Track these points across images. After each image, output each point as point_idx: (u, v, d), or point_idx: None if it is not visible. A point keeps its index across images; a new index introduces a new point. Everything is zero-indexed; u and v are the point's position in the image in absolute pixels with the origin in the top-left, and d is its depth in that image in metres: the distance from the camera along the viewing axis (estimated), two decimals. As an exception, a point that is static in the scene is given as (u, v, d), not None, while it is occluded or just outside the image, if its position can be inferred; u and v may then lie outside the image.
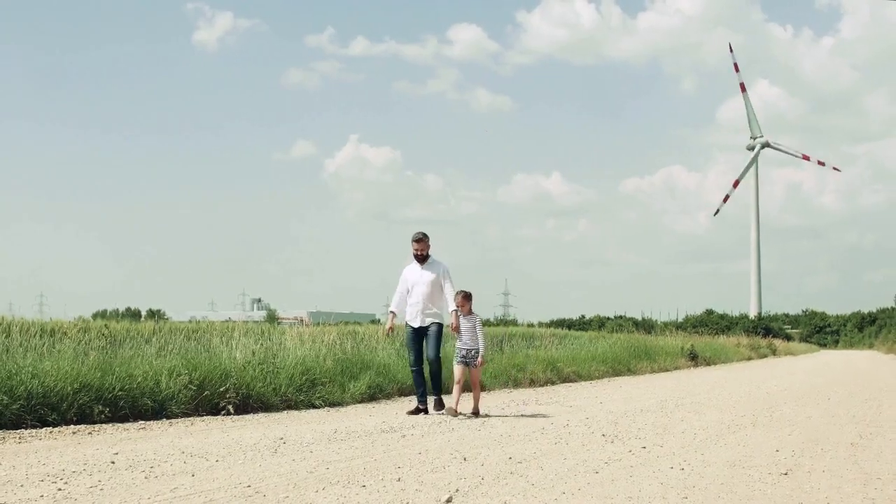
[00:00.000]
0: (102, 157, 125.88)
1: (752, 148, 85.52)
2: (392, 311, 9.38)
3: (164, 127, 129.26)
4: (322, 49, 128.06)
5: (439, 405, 9.18)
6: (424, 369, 9.26)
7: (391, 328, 9.48)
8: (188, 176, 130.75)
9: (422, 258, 9.23)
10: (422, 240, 9.21)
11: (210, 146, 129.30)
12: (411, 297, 9.20)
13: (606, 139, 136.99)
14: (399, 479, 5.03)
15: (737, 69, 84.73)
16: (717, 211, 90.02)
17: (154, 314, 61.15)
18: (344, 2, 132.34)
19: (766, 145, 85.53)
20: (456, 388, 8.83)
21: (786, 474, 5.32)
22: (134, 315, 62.61)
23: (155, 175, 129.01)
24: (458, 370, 8.82)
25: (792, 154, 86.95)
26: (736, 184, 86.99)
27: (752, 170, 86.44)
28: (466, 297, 8.94)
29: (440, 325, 9.17)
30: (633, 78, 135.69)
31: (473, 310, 9.01)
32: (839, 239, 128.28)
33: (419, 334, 9.17)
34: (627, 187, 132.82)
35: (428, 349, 9.13)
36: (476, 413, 8.83)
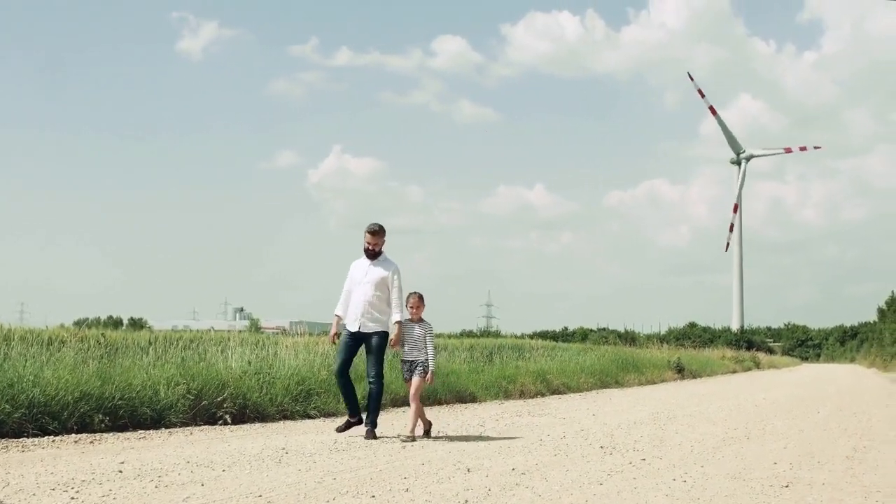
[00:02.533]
0: (82, 164, 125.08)
1: (737, 162, 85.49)
2: (337, 315, 8.08)
3: (147, 134, 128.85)
4: (306, 59, 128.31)
5: (371, 435, 7.77)
6: (362, 382, 8.26)
7: (337, 334, 8.09)
8: (172, 184, 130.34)
9: (373, 254, 8.07)
10: (377, 232, 8.05)
11: (193, 154, 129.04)
12: (353, 296, 8.04)
13: (590, 151, 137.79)
14: (407, 490, 5.08)
15: (702, 95, 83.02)
16: (728, 245, 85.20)
17: (136, 323, 60.75)
18: (328, 12, 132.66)
19: (751, 157, 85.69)
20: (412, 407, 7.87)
21: (787, 487, 5.42)
22: (116, 323, 62.10)
23: (138, 183, 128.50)
24: (409, 386, 7.88)
25: (775, 152, 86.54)
26: (735, 208, 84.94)
27: (736, 184, 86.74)
28: (421, 298, 7.96)
29: (384, 336, 7.96)
30: (617, 91, 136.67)
31: (425, 317, 8.01)
32: (821, 253, 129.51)
33: (355, 340, 7.99)
34: (611, 200, 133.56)
35: (368, 366, 7.99)
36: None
